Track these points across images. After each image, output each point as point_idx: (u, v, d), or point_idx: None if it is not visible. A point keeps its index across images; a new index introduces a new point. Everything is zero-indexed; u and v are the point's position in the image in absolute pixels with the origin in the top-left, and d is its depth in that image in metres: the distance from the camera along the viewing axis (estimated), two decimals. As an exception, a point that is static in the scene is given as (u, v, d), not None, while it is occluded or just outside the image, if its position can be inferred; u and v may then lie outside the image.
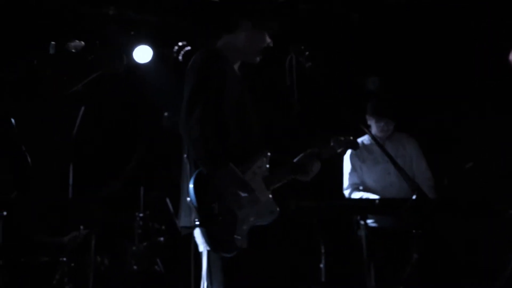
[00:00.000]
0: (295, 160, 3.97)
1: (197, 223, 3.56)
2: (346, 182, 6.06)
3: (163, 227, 6.32)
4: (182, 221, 3.82)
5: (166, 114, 6.79)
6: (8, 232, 4.93)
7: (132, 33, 6.91)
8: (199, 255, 3.83)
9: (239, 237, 3.62)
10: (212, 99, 3.70)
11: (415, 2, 6.83)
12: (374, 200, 5.62)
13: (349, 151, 6.05)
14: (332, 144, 4.09)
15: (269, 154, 3.88)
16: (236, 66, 3.99)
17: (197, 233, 3.70)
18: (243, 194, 3.65)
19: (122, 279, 6.00)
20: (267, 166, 3.86)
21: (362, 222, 5.77)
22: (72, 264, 5.64)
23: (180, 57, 6.81)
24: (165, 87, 6.68)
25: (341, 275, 6.28)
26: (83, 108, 5.61)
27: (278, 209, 3.78)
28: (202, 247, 3.73)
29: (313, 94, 4.18)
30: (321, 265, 6.19)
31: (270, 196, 3.82)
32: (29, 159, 4.77)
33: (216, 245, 3.61)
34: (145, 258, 6.14)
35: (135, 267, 6.04)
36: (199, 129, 3.60)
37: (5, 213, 4.78)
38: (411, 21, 6.94)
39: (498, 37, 6.27)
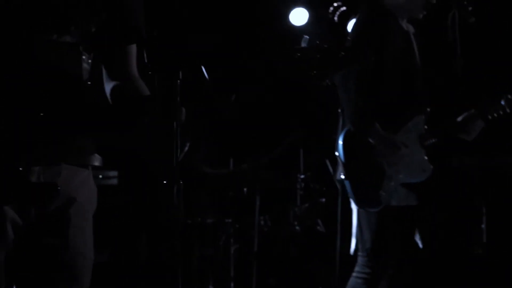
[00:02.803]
0: (458, 118, 3.88)
1: (343, 177, 3.63)
2: None
3: (324, 188, 6.35)
4: (337, 175, 3.87)
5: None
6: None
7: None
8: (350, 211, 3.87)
9: (384, 193, 3.65)
10: (370, 55, 3.69)
11: None
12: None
13: None
14: (502, 102, 3.90)
15: (428, 110, 3.83)
16: (404, 22, 3.94)
17: (348, 188, 3.75)
18: (391, 152, 3.63)
19: (285, 240, 6.10)
20: (425, 123, 3.82)
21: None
22: (237, 225, 5.81)
23: (335, 18, 6.76)
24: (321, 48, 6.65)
25: (504, 236, 6.10)
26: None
27: (431, 167, 3.74)
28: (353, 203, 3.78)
29: (477, 51, 4.04)
30: (483, 226, 6.03)
31: (424, 154, 3.78)
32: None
33: (360, 199, 3.65)
34: (307, 219, 6.21)
35: (297, 227, 6.12)
36: (352, 85, 3.62)
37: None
38: None
39: None
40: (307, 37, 4.20)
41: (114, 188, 4.80)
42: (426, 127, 3.82)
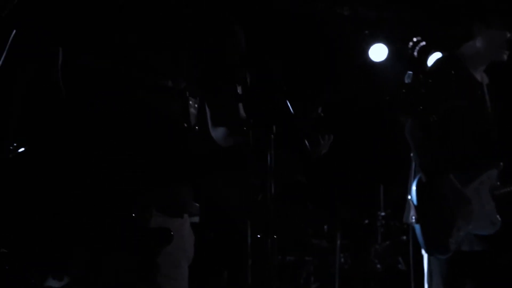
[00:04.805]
0: None
1: (414, 220, 3.61)
2: None
3: (405, 226, 6.28)
4: (405, 217, 3.85)
5: (403, 111, 6.72)
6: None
7: (367, 32, 6.94)
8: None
9: (453, 241, 3.61)
10: (441, 107, 3.68)
11: None
12: None
13: None
14: None
15: (501, 164, 3.78)
16: (478, 71, 3.89)
17: (418, 233, 3.72)
18: (462, 206, 3.61)
19: (365, 278, 6.05)
20: (498, 177, 3.77)
21: None
22: (317, 263, 5.79)
23: (415, 53, 6.72)
24: (401, 85, 6.61)
25: None
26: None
27: (500, 219, 3.69)
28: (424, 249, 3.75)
29: None
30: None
31: (495, 207, 3.73)
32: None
33: (430, 245, 3.62)
34: (388, 257, 6.15)
35: (378, 266, 6.07)
36: (422, 136, 3.61)
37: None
38: None
39: None
40: (411, 72, 4.20)
41: (195, 226, 4.85)
42: (498, 183, 3.78)
